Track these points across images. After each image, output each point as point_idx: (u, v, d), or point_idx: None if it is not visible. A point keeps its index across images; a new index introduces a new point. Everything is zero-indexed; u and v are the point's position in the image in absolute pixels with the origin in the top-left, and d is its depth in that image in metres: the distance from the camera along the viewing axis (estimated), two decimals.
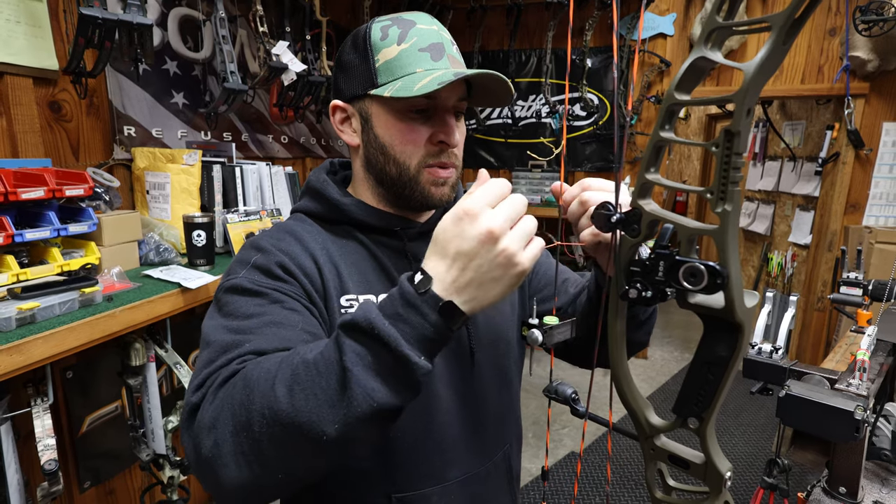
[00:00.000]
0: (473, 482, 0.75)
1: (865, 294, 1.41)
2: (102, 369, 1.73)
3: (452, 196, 0.73)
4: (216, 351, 0.56)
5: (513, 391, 0.83)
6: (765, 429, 2.89)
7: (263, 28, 2.07)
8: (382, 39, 0.66)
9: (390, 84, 0.65)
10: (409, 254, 0.74)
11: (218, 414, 0.49)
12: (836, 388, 0.94)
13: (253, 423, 0.47)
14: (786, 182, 3.84)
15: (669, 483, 0.51)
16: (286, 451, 0.47)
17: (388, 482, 0.70)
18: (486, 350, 0.76)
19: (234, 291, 0.63)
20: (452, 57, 0.68)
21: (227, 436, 0.48)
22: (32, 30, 1.52)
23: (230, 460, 0.47)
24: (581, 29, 3.35)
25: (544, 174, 3.74)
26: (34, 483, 1.37)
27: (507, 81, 0.67)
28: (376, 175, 0.72)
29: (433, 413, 0.70)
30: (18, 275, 1.29)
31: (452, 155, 0.70)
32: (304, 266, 0.67)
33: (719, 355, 0.44)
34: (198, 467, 0.50)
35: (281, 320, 0.59)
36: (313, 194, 0.75)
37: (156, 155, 1.83)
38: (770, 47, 0.38)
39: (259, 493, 0.49)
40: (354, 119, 0.71)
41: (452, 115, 0.69)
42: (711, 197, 0.42)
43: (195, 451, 0.50)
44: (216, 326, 0.60)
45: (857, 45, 2.75)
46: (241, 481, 0.48)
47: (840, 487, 0.93)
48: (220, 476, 0.48)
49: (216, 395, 0.51)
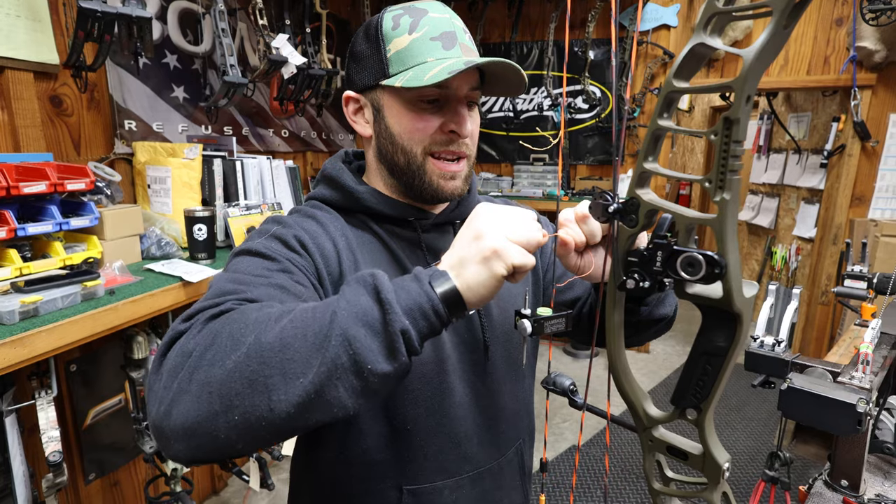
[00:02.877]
0: (486, 477, 0.75)
1: (870, 287, 1.39)
2: (105, 363, 1.75)
3: (466, 189, 0.72)
4: (214, 295, 0.55)
5: (526, 386, 0.83)
6: (766, 423, 2.88)
7: (263, 21, 2.06)
8: (394, 29, 0.66)
9: (401, 74, 0.65)
10: (423, 245, 0.73)
11: (199, 342, 0.48)
12: (838, 381, 0.93)
13: (234, 353, 0.45)
14: (790, 175, 3.81)
15: (668, 474, 0.51)
16: (255, 390, 0.44)
17: (400, 474, 0.70)
18: (500, 344, 0.76)
19: (246, 253, 0.63)
20: (465, 45, 0.67)
21: (202, 364, 0.46)
22: (33, 24, 1.52)
23: (194, 388, 0.45)
24: (583, 20, 3.31)
25: (546, 167, 3.73)
26: (40, 475, 1.38)
27: (519, 69, 0.66)
28: (388, 165, 0.72)
29: (447, 406, 0.70)
30: (21, 269, 1.29)
31: (464, 144, 0.69)
32: (322, 247, 0.67)
33: (718, 346, 0.44)
34: (158, 391, 0.47)
35: (286, 286, 0.58)
36: (329, 182, 0.74)
37: (157, 149, 1.83)
38: (770, 31, 0.37)
39: (204, 436, 0.45)
40: (367, 109, 0.71)
41: (465, 105, 0.68)
42: (710, 186, 0.41)
43: (161, 378, 0.48)
44: (220, 278, 0.59)
45: (864, 35, 2.72)
46: (197, 414, 0.45)
47: (842, 480, 0.93)
48: (175, 405, 0.46)
49: (205, 325, 0.50)
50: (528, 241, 0.50)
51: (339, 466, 0.71)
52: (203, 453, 0.47)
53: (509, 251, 0.49)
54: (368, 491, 0.71)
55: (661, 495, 0.51)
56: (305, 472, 0.78)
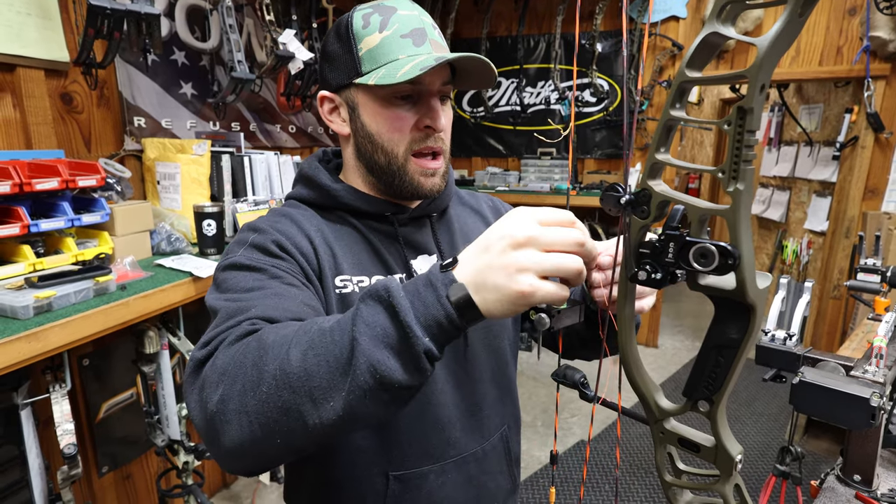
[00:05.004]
0: (471, 462, 0.76)
1: (884, 281, 1.37)
2: (117, 357, 1.77)
3: (444, 185, 0.74)
4: (223, 317, 0.56)
5: (509, 373, 0.84)
6: (777, 418, 2.86)
7: (270, 16, 2.06)
8: (364, 28, 0.67)
9: (374, 72, 0.66)
10: (400, 238, 0.75)
11: (226, 370, 0.49)
12: (851, 375, 0.92)
13: (262, 384, 0.46)
14: (802, 167, 3.76)
15: (679, 466, 0.51)
16: (290, 417, 0.46)
17: (385, 461, 0.71)
18: (478, 330, 0.77)
19: (232, 268, 0.64)
20: (435, 41, 0.69)
21: (233, 394, 0.47)
22: (43, 22, 1.53)
23: (233, 418, 0.47)
24: (591, 13, 3.28)
25: (554, 161, 3.70)
26: (55, 467, 1.40)
27: (489, 63, 0.67)
28: (366, 163, 0.73)
29: (428, 393, 0.72)
30: (35, 264, 1.31)
31: (439, 139, 0.71)
32: (300, 245, 0.68)
33: (731, 338, 0.44)
34: (200, 423, 0.49)
35: (282, 293, 0.60)
36: (305, 181, 0.77)
37: (166, 145, 1.84)
38: (786, 19, 0.37)
39: (255, 457, 0.49)
40: (342, 108, 0.73)
41: (438, 100, 0.70)
42: (723, 176, 0.41)
43: (200, 406, 0.49)
44: (218, 299, 0.61)
45: (877, 24, 2.67)
46: (241, 441, 0.47)
47: (855, 475, 0.92)
48: (221, 433, 0.48)
49: (226, 352, 0.50)
50: (567, 271, 0.45)
51: (326, 454, 0.72)
52: (257, 468, 0.52)
53: (539, 293, 0.44)
54: (356, 477, 0.72)
55: (673, 487, 0.51)
56: (297, 462, 0.79)
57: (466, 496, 0.76)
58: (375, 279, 0.71)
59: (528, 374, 3.34)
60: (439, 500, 0.74)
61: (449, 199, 0.82)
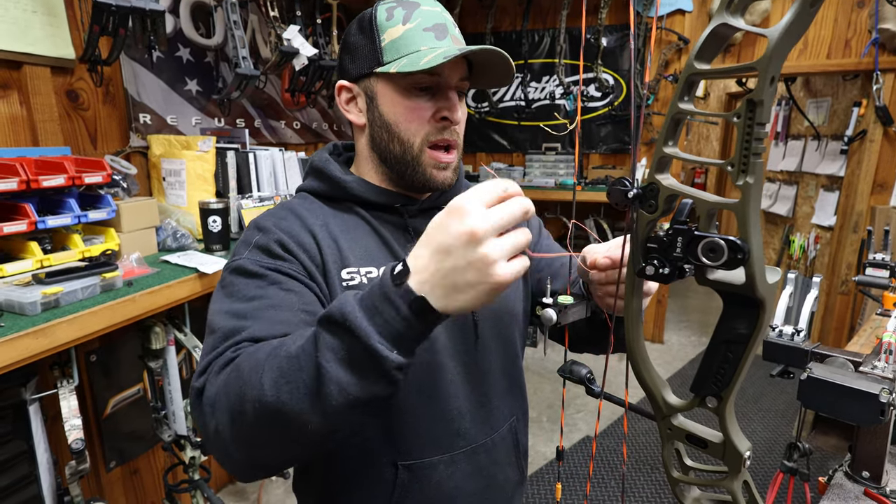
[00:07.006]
0: (480, 452, 0.77)
1: (893, 276, 1.36)
2: (124, 353, 1.78)
3: (455, 179, 0.75)
4: (218, 338, 0.59)
5: (518, 364, 0.84)
6: (785, 414, 2.85)
7: (274, 12, 2.06)
8: (388, 20, 0.69)
9: (396, 61, 0.67)
10: (410, 229, 0.75)
11: (215, 401, 0.53)
12: (860, 370, 0.91)
13: (246, 413, 0.50)
14: (809, 162, 3.72)
15: (687, 463, 0.51)
16: (279, 437, 0.51)
17: (394, 451, 0.72)
18: (489, 322, 0.77)
19: (237, 273, 0.67)
20: (455, 37, 0.71)
21: (225, 423, 0.52)
22: (49, 19, 1.54)
23: (230, 443, 0.52)
24: (596, 6, 3.26)
25: (558, 156, 3.69)
26: (63, 462, 1.42)
27: (508, 59, 0.68)
28: (380, 154, 0.74)
29: (438, 383, 0.72)
30: (42, 261, 1.32)
31: (454, 133, 0.72)
32: (303, 243, 0.69)
33: (739, 333, 0.43)
34: (208, 446, 0.56)
35: (279, 303, 0.62)
36: (316, 173, 0.77)
37: (171, 142, 1.85)
38: (796, 10, 0.36)
39: (263, 468, 0.56)
40: (360, 98, 0.73)
41: (455, 93, 0.71)
42: (732, 169, 0.40)
43: (204, 431, 0.55)
44: (220, 311, 0.63)
45: (887, 16, 2.63)
46: (244, 460, 0.54)
47: (863, 472, 0.91)
48: (226, 455, 0.54)
49: (214, 383, 0.54)
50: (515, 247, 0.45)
51: (335, 445, 0.72)
52: (271, 474, 0.58)
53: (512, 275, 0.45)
54: (365, 467, 0.72)
55: (681, 484, 0.51)
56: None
57: (475, 487, 0.77)
58: (373, 275, 0.72)
59: (534, 370, 3.34)
60: (448, 491, 0.74)
61: (460, 192, 0.82)
